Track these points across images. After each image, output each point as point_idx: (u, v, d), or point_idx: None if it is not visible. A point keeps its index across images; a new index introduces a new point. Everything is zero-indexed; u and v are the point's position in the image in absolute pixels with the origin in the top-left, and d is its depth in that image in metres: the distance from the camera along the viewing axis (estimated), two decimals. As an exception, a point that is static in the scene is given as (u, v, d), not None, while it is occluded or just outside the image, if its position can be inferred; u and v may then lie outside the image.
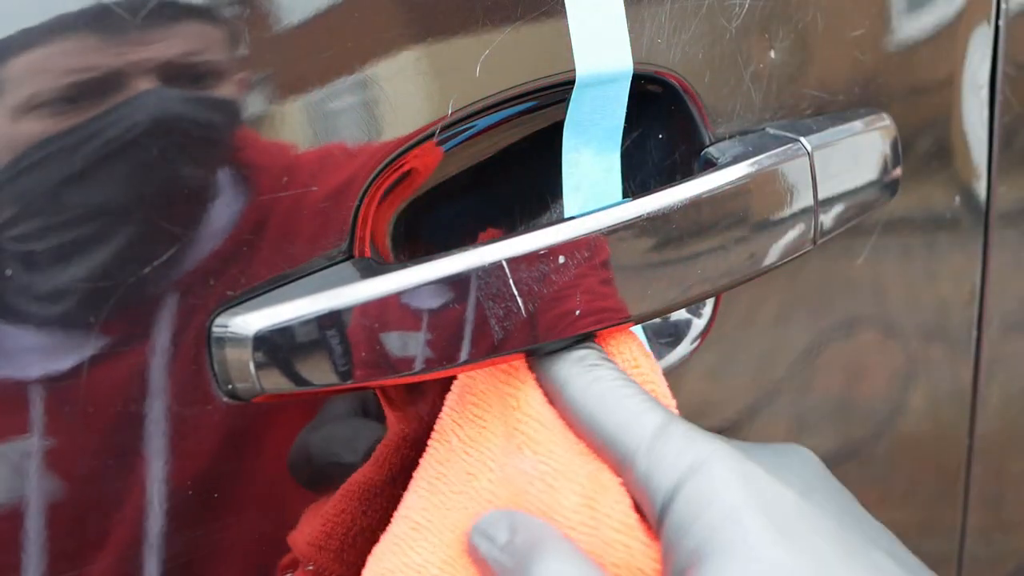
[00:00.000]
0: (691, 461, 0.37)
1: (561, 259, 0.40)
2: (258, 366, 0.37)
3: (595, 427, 0.39)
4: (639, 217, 0.42)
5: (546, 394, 0.42)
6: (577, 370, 0.40)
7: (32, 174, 0.33)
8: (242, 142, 0.37)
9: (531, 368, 0.42)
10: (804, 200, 0.48)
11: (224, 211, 0.37)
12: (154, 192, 0.35)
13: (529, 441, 0.40)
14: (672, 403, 0.44)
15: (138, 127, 0.34)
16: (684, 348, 0.53)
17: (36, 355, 0.34)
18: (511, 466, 0.41)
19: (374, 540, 0.42)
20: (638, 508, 0.39)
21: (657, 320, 0.52)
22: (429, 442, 0.43)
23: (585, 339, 0.42)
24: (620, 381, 0.40)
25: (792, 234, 0.48)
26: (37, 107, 0.33)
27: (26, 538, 0.35)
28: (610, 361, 0.42)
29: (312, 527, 0.42)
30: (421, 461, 0.43)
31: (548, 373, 0.41)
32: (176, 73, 0.35)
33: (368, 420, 0.43)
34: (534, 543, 0.37)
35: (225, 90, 0.36)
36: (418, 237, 0.44)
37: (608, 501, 0.38)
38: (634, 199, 0.43)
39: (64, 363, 0.35)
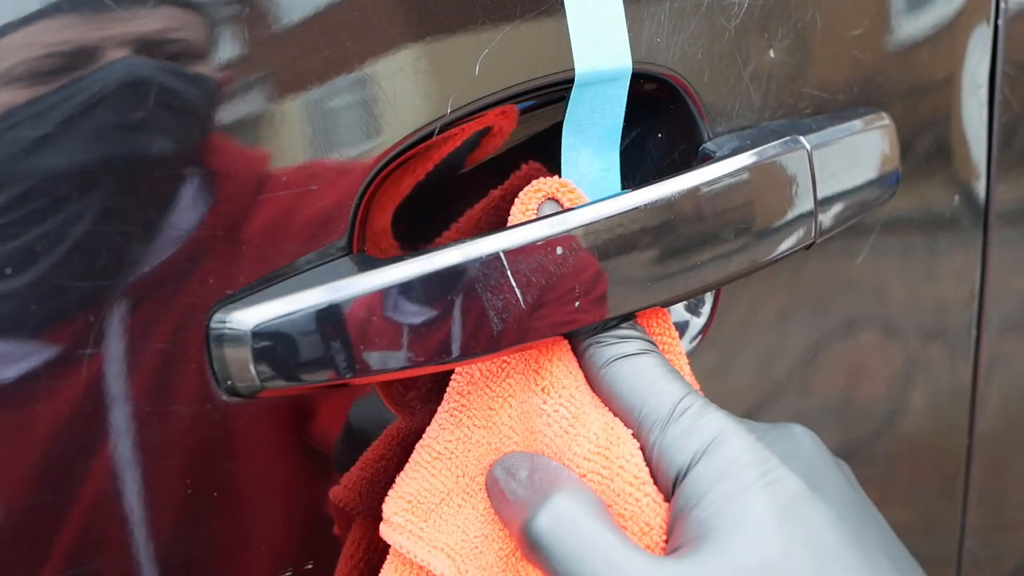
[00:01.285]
0: (708, 437, 0.39)
1: (559, 250, 0.40)
2: (257, 362, 0.37)
3: (618, 391, 0.41)
4: (637, 208, 0.42)
5: (574, 352, 0.43)
6: (607, 335, 0.42)
7: (28, 173, 0.33)
8: (241, 141, 0.37)
9: None
10: (803, 198, 0.48)
11: (223, 209, 0.37)
12: (153, 191, 0.35)
13: (552, 383, 0.42)
14: (694, 382, 0.45)
15: (136, 126, 0.34)
16: (683, 347, 0.53)
17: (36, 355, 0.34)
18: (530, 404, 0.42)
19: None
20: (651, 470, 0.40)
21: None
22: (453, 375, 0.44)
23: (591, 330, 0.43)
24: (648, 352, 0.42)
25: (791, 231, 0.48)
26: (23, 80, 0.33)
27: (24, 538, 0.35)
28: (641, 331, 0.43)
29: (353, 475, 0.43)
30: (445, 393, 0.44)
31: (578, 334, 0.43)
32: (174, 72, 0.35)
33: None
34: (552, 480, 0.39)
35: (224, 89, 0.36)
36: (416, 236, 0.44)
37: (622, 453, 0.40)
38: (632, 190, 0.43)
39: (64, 363, 0.35)
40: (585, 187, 0.47)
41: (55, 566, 0.36)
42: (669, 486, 0.39)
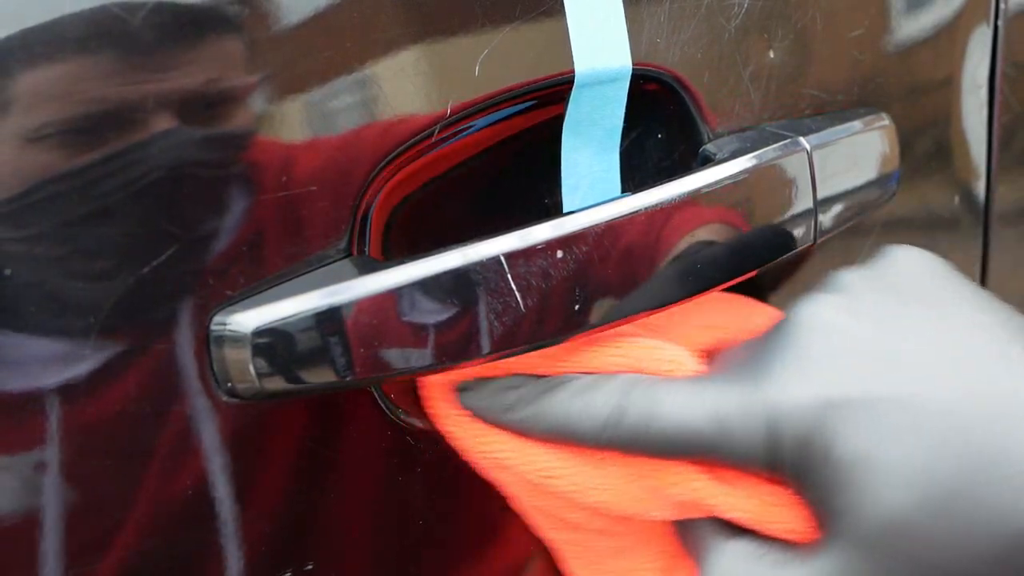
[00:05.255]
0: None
1: (559, 254, 0.40)
2: (257, 363, 0.37)
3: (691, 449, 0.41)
4: (636, 212, 0.42)
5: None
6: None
7: (32, 182, 0.33)
8: (241, 142, 0.37)
9: None
10: (803, 199, 0.48)
11: (223, 211, 0.37)
12: (153, 193, 0.35)
13: None
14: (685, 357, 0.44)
15: (137, 129, 0.34)
16: (684, 348, 0.53)
17: (35, 356, 0.34)
18: None
19: None
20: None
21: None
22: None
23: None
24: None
25: (791, 232, 0.48)
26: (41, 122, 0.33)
27: (31, 541, 0.35)
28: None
29: None
30: None
31: None
32: (173, 76, 0.35)
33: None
34: None
35: (224, 90, 0.36)
36: (416, 238, 0.44)
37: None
38: (631, 194, 0.43)
39: (63, 364, 0.35)
40: (585, 188, 0.47)
41: (56, 569, 0.36)
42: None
